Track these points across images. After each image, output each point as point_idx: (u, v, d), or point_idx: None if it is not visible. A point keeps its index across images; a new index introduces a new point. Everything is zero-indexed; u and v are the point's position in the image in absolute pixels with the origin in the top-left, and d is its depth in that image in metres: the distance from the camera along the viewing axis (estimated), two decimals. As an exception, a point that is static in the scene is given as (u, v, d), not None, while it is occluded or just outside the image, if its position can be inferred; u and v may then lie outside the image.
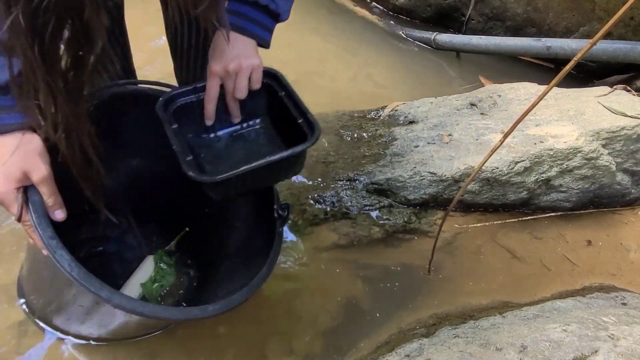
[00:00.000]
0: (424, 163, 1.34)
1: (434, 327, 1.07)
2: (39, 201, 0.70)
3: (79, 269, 0.67)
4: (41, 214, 0.69)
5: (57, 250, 0.67)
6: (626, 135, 1.35)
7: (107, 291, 0.68)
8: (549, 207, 1.40)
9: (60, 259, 0.67)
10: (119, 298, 0.68)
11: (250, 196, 1.01)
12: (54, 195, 0.72)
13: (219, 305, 0.77)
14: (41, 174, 0.70)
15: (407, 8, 2.47)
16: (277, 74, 0.94)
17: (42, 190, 0.71)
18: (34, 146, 0.70)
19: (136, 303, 0.70)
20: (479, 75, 2.13)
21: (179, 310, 0.75)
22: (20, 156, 0.68)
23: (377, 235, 1.27)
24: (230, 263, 1.03)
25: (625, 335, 0.83)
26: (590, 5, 1.98)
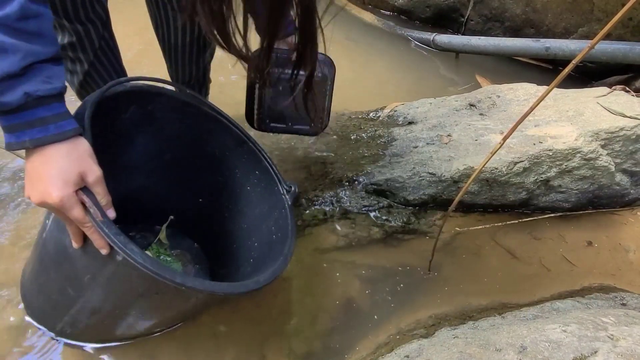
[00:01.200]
0: (423, 164, 1.34)
1: (433, 328, 1.06)
2: (96, 202, 0.71)
3: (151, 260, 0.68)
4: (102, 214, 0.71)
5: (127, 245, 0.68)
6: (625, 136, 1.35)
7: (180, 276, 0.70)
8: (548, 208, 1.40)
9: (132, 253, 0.67)
10: (192, 281, 0.71)
11: (252, 180, 1.05)
12: (106, 194, 0.74)
13: (267, 276, 0.82)
14: (95, 175, 0.71)
15: (406, 9, 2.48)
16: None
17: (96, 190, 0.72)
18: (85, 148, 0.72)
19: (208, 284, 0.74)
20: (475, 74, 2.13)
21: (240, 285, 0.79)
22: (74, 159, 0.70)
23: (377, 236, 1.26)
24: (241, 245, 1.05)
25: (625, 336, 0.83)
26: (589, 6, 1.99)
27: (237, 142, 1.03)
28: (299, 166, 1.40)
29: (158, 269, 0.68)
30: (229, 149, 1.04)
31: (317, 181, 1.35)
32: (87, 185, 0.71)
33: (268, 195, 1.01)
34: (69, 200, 0.69)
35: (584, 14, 2.02)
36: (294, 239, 0.91)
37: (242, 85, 1.16)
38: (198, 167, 1.07)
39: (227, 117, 1.02)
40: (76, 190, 0.70)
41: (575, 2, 2.02)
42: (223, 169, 1.06)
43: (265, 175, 1.01)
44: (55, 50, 0.68)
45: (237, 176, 1.06)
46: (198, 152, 1.05)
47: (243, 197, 1.06)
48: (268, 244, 0.96)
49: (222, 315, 1.06)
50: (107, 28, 1.14)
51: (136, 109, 0.95)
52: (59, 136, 0.69)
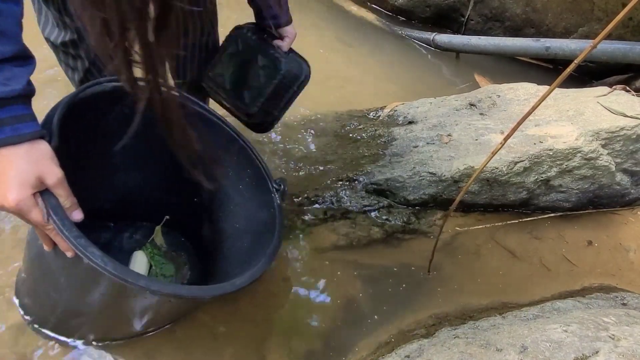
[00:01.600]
0: (423, 163, 1.33)
1: (434, 328, 1.06)
2: (57, 204, 0.70)
3: (113, 263, 0.67)
4: (63, 216, 0.70)
5: (87, 247, 0.67)
6: (625, 136, 1.35)
7: (145, 280, 0.69)
8: (548, 208, 1.40)
9: (92, 255, 0.67)
10: (157, 284, 0.70)
11: (243, 178, 1.04)
12: (70, 196, 0.72)
13: (245, 278, 0.80)
14: (55, 177, 0.70)
15: (406, 8, 2.47)
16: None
17: (58, 193, 0.71)
18: (45, 151, 0.70)
19: (173, 287, 0.72)
20: (474, 74, 2.13)
21: (212, 288, 0.77)
22: (32, 162, 0.68)
23: (377, 236, 1.26)
24: (233, 245, 1.04)
25: (626, 336, 0.83)
26: (589, 6, 1.98)
27: (229, 141, 1.02)
28: (299, 165, 1.40)
29: (120, 272, 0.67)
30: (221, 147, 1.03)
31: (317, 180, 1.34)
32: (48, 188, 0.70)
33: (259, 194, 1.00)
34: (26, 204, 0.68)
35: (584, 14, 2.01)
36: (280, 240, 0.90)
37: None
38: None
39: (217, 115, 1.01)
40: (36, 193, 0.69)
41: (575, 2, 2.02)
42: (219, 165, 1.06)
43: (257, 174, 1.01)
44: (16, 50, 0.66)
45: (230, 175, 1.05)
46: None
47: (236, 196, 1.06)
48: (258, 244, 0.95)
49: (221, 316, 1.05)
50: None
51: (121, 109, 0.95)
52: (16, 139, 0.67)
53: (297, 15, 1.18)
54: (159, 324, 0.99)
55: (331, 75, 2.03)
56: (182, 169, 1.06)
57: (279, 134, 1.53)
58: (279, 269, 1.17)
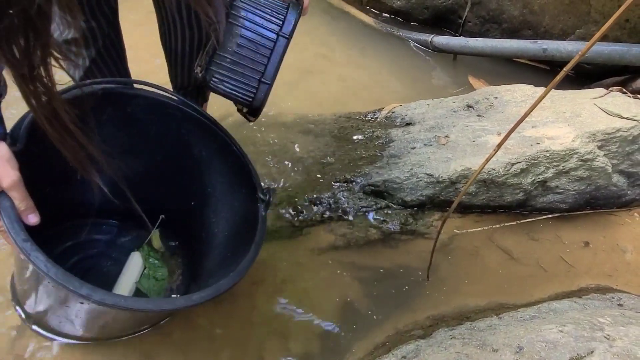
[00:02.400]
0: (420, 165, 1.34)
1: (431, 329, 1.07)
2: (10, 206, 0.71)
3: (55, 269, 0.67)
4: (13, 218, 0.70)
5: (31, 252, 0.67)
6: (622, 137, 1.36)
7: (87, 288, 0.67)
8: (545, 209, 1.41)
9: (36, 260, 0.67)
10: (100, 294, 0.68)
11: (233, 184, 1.03)
12: (25, 199, 0.73)
13: (205, 293, 0.76)
14: (10, 180, 0.71)
15: (404, 10, 2.48)
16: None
17: (13, 195, 0.71)
18: (1, 153, 0.71)
19: (118, 298, 0.70)
20: (468, 76, 2.14)
21: (163, 302, 0.76)
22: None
23: (374, 237, 1.27)
24: (218, 252, 1.04)
25: (621, 336, 0.83)
26: (586, 8, 1.99)
27: (222, 146, 1.01)
28: (297, 167, 1.40)
29: (62, 278, 0.66)
30: (213, 151, 1.03)
31: (314, 182, 1.35)
32: (3, 190, 0.71)
33: (246, 204, 0.99)
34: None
35: (581, 16, 2.02)
36: (256, 254, 0.87)
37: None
38: (187, 170, 1.06)
39: (212, 119, 1.01)
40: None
41: (572, 4, 2.02)
42: (209, 172, 1.05)
43: (247, 182, 0.99)
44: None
45: (222, 180, 1.05)
46: (185, 153, 1.04)
47: (226, 203, 1.05)
48: (238, 255, 0.93)
49: (218, 318, 1.06)
50: (113, 27, 1.14)
51: (113, 111, 0.95)
52: None
53: (295, 17, 1.18)
54: (151, 323, 0.98)
55: (329, 76, 2.03)
56: (178, 171, 1.06)
57: (276, 135, 1.54)
58: (276, 270, 1.17)
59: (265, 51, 0.94)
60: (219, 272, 0.95)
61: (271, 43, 0.94)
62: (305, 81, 1.97)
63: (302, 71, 2.01)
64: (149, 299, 0.75)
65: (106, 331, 0.93)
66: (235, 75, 0.94)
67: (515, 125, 0.80)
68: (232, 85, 0.95)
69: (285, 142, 1.51)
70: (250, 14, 0.93)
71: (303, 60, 2.09)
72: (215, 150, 1.03)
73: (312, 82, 1.98)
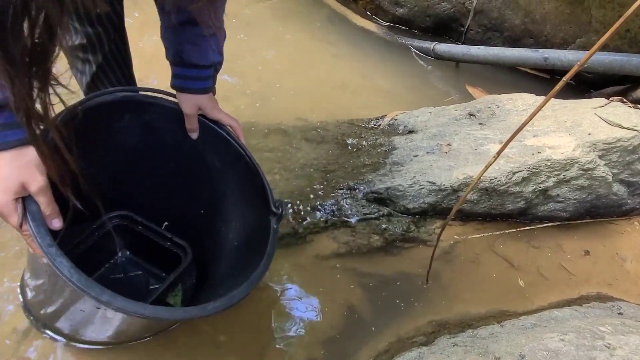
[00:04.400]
0: (423, 172, 1.35)
1: (433, 336, 1.07)
2: (37, 211, 0.72)
3: (78, 275, 0.68)
4: (40, 223, 0.71)
5: (56, 257, 0.69)
6: (622, 147, 1.37)
7: (108, 295, 0.69)
8: (546, 217, 1.42)
9: (60, 265, 0.68)
10: (120, 301, 0.70)
11: (245, 195, 1.04)
12: (51, 204, 0.74)
13: (218, 303, 0.79)
14: (38, 185, 0.72)
15: (407, 18, 2.50)
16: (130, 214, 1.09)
17: (39, 200, 0.73)
18: (31, 158, 0.72)
19: (137, 305, 0.71)
20: (465, 85, 2.15)
21: (179, 311, 0.77)
22: (17, 168, 0.70)
23: (377, 244, 1.28)
24: (227, 260, 1.05)
25: (622, 345, 0.84)
26: (587, 18, 2.01)
27: (235, 157, 1.03)
28: (300, 174, 1.41)
29: (84, 284, 0.68)
30: (227, 162, 1.04)
31: (317, 189, 1.36)
32: (31, 194, 0.72)
33: (258, 215, 1.00)
34: (6, 208, 0.70)
35: (582, 25, 2.04)
36: (266, 267, 0.89)
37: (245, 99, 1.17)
38: (200, 178, 1.07)
39: (227, 130, 1.02)
40: (18, 199, 0.71)
41: (573, 14, 2.04)
42: (222, 181, 1.07)
43: (259, 193, 1.00)
44: None
45: (234, 191, 1.06)
46: (199, 163, 1.05)
47: (237, 213, 1.06)
48: (247, 266, 0.94)
49: (222, 324, 1.06)
50: (119, 33, 1.15)
51: (131, 118, 0.96)
52: (2, 145, 0.69)
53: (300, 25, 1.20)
54: (136, 336, 0.99)
55: (332, 83, 2.05)
56: (190, 179, 1.07)
57: (279, 142, 1.55)
58: (279, 277, 1.18)
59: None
60: (228, 280, 0.96)
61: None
62: (307, 88, 1.98)
63: (303, 78, 2.03)
64: (166, 308, 0.76)
65: (117, 337, 0.94)
66: None
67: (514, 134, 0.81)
68: None
69: (288, 148, 1.53)
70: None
71: (305, 67, 2.11)
72: (229, 161, 1.04)
73: (315, 89, 2.00)
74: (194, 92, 0.96)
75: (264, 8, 2.45)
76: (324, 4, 2.62)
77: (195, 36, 0.91)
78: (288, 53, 2.16)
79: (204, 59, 0.94)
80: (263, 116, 1.74)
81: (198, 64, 0.94)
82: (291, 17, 2.42)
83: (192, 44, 0.92)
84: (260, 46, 2.10)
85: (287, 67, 2.07)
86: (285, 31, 2.30)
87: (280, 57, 2.12)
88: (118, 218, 1.10)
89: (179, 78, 0.96)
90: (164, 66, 1.01)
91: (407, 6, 2.47)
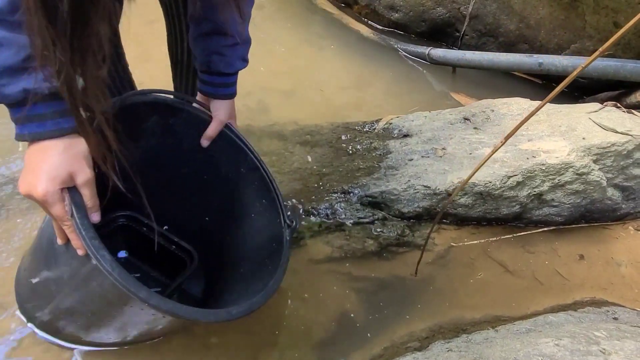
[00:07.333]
0: (418, 176, 1.35)
1: (427, 341, 1.07)
2: (81, 203, 0.72)
3: (119, 269, 0.69)
4: (84, 215, 0.71)
5: (99, 250, 0.69)
6: (616, 152, 1.37)
7: (145, 292, 0.70)
8: (541, 222, 1.41)
9: (103, 259, 0.68)
10: (157, 299, 0.70)
11: (257, 206, 1.05)
12: (94, 197, 0.74)
13: (242, 308, 0.82)
14: (86, 177, 0.72)
15: (402, 23, 2.51)
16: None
17: (84, 192, 0.73)
18: (81, 149, 0.72)
19: (172, 304, 0.72)
20: (450, 92, 2.15)
21: (209, 313, 0.78)
22: (67, 158, 0.70)
23: (371, 248, 1.27)
24: (237, 270, 1.05)
25: (617, 350, 0.84)
26: (581, 24, 2.02)
27: (250, 168, 1.03)
28: (295, 177, 1.41)
29: (125, 279, 0.69)
30: (241, 172, 1.05)
31: (312, 193, 1.35)
32: (76, 186, 0.72)
33: (270, 226, 1.01)
34: (52, 197, 0.70)
35: (576, 31, 2.05)
36: (283, 275, 0.91)
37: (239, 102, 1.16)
38: (212, 186, 1.07)
39: (244, 140, 1.03)
40: (63, 188, 0.71)
41: (567, 19, 2.05)
42: (234, 191, 1.07)
43: (271, 205, 1.01)
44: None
45: (246, 201, 1.06)
46: (213, 170, 1.06)
47: (247, 223, 1.06)
48: (260, 275, 0.96)
49: (215, 327, 1.05)
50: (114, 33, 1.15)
51: (157, 120, 0.97)
52: (56, 132, 0.69)
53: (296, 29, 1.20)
54: (153, 336, 0.98)
55: (327, 87, 2.05)
56: (202, 186, 1.07)
57: (274, 146, 1.54)
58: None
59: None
60: (238, 286, 0.98)
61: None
62: (302, 91, 1.98)
63: (299, 82, 2.03)
64: (200, 310, 0.77)
65: (104, 336, 0.93)
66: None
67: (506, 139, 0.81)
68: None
69: (282, 152, 1.52)
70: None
71: (300, 71, 2.11)
72: (243, 172, 1.04)
73: (310, 93, 1.99)
74: (223, 97, 1.00)
75: (260, 13, 2.45)
76: (320, 8, 2.63)
77: (222, 47, 0.95)
78: (283, 57, 2.16)
79: (230, 68, 0.98)
80: (257, 120, 1.74)
81: (224, 72, 0.98)
82: (286, 21, 2.42)
83: (220, 55, 0.96)
84: (255, 50, 2.08)
85: (282, 71, 2.07)
86: (280, 36, 2.30)
87: (275, 61, 2.12)
88: (124, 218, 1.08)
89: (207, 85, 1.00)
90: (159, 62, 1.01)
91: (402, 11, 2.48)
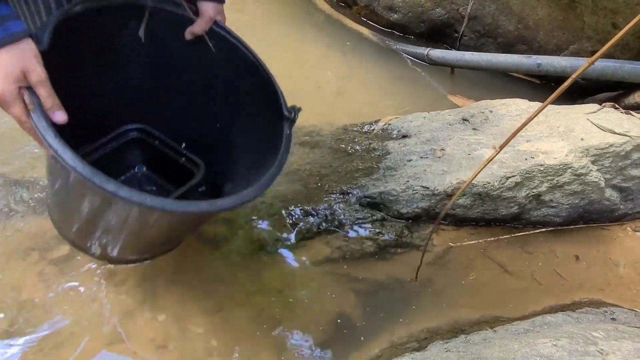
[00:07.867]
0: (416, 177, 1.35)
1: (426, 341, 1.07)
2: (38, 103, 0.71)
3: (82, 164, 0.67)
4: (41, 115, 0.70)
5: (59, 147, 0.67)
6: (614, 152, 1.38)
7: (113, 184, 0.67)
8: (539, 222, 1.42)
9: (64, 155, 0.66)
10: (126, 191, 0.67)
11: (258, 104, 1.01)
12: (52, 96, 0.73)
13: (228, 200, 0.77)
14: (38, 75, 0.72)
15: (401, 23, 2.51)
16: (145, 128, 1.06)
17: (40, 91, 0.72)
18: (31, 48, 0.72)
19: (143, 196, 0.69)
20: (447, 95, 2.15)
21: (186, 204, 0.75)
22: (18, 57, 0.70)
23: (370, 249, 1.27)
24: (244, 176, 1.02)
25: (614, 350, 0.84)
26: (580, 25, 2.02)
27: (247, 64, 0.99)
28: (294, 178, 1.41)
29: (89, 173, 0.66)
30: (239, 71, 1.00)
31: (311, 194, 1.35)
32: (30, 85, 0.71)
33: (272, 125, 0.96)
34: (10, 95, 0.70)
35: (575, 32, 2.05)
36: (280, 168, 0.87)
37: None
38: (212, 91, 1.04)
39: (239, 39, 0.98)
40: (21, 88, 0.70)
41: (566, 20, 2.06)
42: (237, 93, 1.03)
43: (272, 101, 0.96)
44: None
45: (248, 102, 1.02)
46: (211, 74, 1.01)
47: (251, 124, 1.03)
48: (260, 168, 0.91)
49: (214, 329, 1.05)
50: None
51: (137, 25, 0.92)
52: (7, 39, 0.69)
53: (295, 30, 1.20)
54: (154, 250, 0.96)
55: (326, 88, 2.05)
56: (203, 93, 1.04)
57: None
58: (272, 281, 1.18)
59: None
60: (241, 184, 0.94)
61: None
62: (301, 92, 1.98)
63: (298, 82, 2.02)
64: (174, 200, 0.73)
65: (98, 251, 0.92)
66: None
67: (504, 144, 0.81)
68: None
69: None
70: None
71: (299, 71, 2.11)
72: (242, 71, 1.00)
73: (309, 93, 1.99)
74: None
75: (258, 13, 2.45)
76: (319, 9, 2.63)
77: None
78: (282, 57, 2.16)
79: None
80: (257, 120, 1.73)
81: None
82: (286, 22, 2.42)
83: None
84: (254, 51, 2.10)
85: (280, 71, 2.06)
86: (279, 36, 2.30)
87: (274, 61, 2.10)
88: (136, 131, 1.07)
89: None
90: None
91: (401, 12, 2.48)
